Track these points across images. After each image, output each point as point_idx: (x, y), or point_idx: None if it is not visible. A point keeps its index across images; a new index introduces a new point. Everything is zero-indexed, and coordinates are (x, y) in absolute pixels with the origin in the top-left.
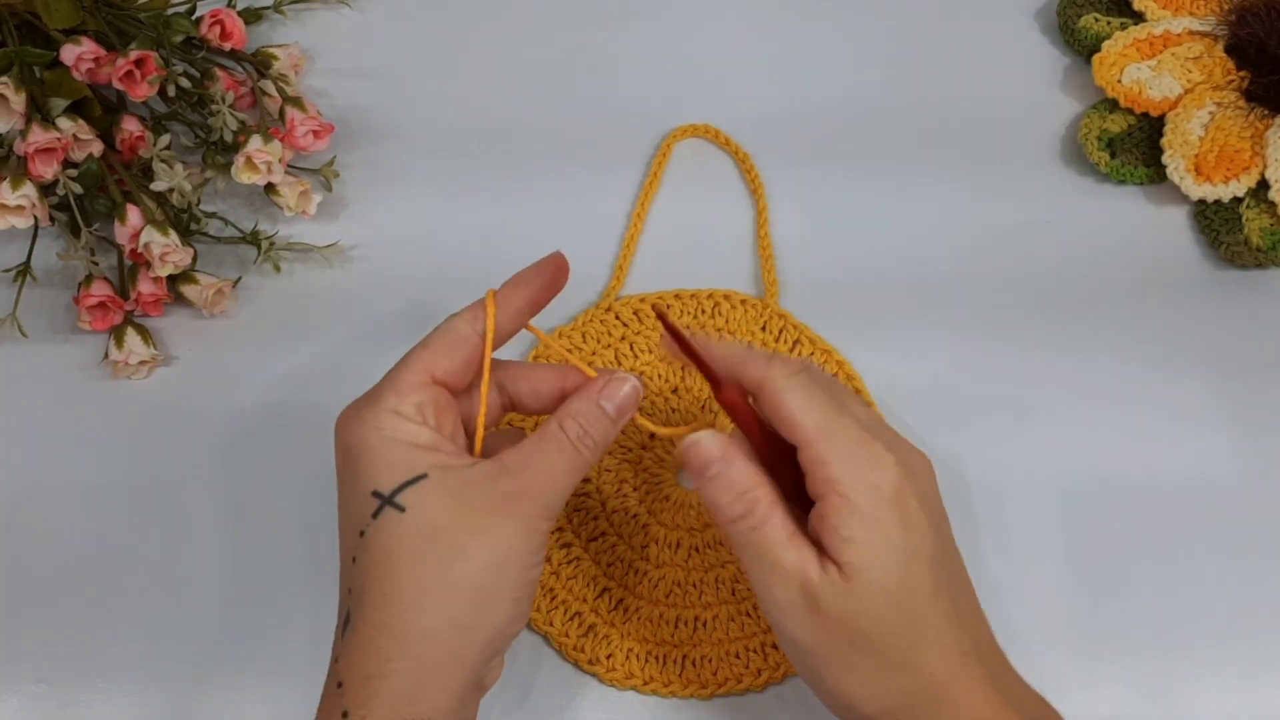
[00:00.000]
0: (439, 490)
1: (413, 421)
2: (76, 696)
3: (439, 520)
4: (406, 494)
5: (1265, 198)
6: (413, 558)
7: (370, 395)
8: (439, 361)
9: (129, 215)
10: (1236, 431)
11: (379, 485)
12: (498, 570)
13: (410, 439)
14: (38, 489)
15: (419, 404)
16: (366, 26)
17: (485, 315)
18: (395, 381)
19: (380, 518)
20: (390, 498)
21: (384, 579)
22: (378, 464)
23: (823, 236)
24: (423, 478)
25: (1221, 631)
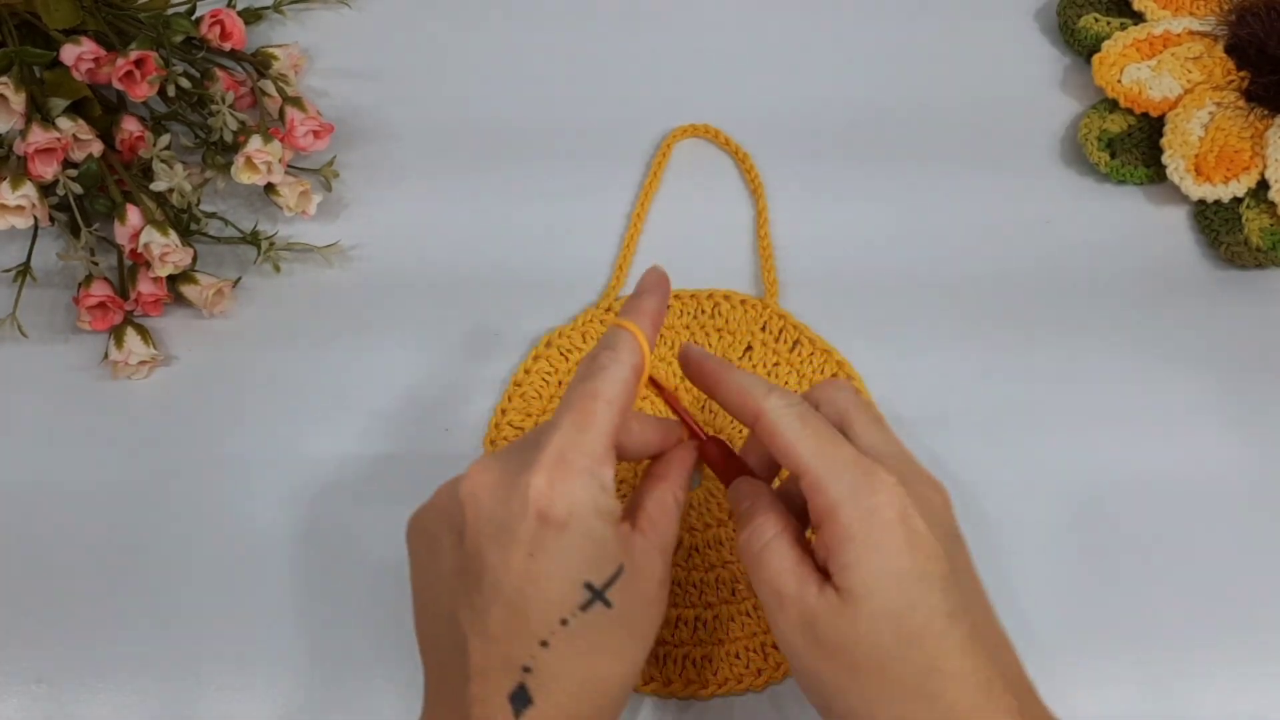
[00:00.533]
0: (632, 585)
1: (609, 491)
2: (76, 696)
3: (633, 616)
4: (612, 590)
5: (1265, 198)
6: (611, 653)
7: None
8: (621, 420)
9: (129, 215)
10: (1237, 431)
11: (591, 577)
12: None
13: (613, 517)
14: (38, 489)
15: (614, 470)
16: (366, 26)
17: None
18: (594, 444)
19: (589, 610)
20: (602, 594)
21: (585, 671)
22: (586, 550)
23: (823, 236)
24: (622, 571)
25: (1223, 631)
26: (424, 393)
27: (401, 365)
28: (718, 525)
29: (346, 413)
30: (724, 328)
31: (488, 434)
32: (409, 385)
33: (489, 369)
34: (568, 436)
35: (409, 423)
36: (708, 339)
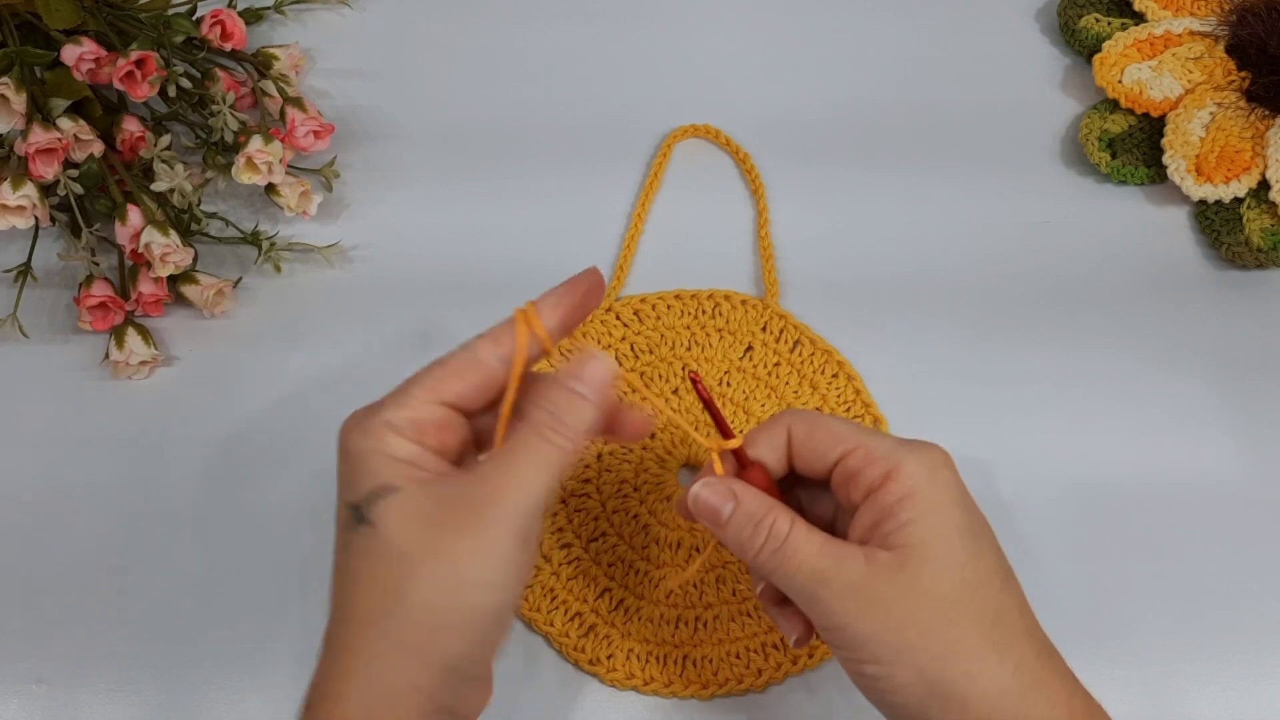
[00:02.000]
0: (408, 507)
1: (403, 435)
2: (76, 696)
3: (402, 538)
4: (377, 508)
5: (1266, 198)
6: (370, 576)
7: (373, 404)
8: (450, 384)
9: (129, 215)
10: (1237, 431)
11: (354, 497)
12: (453, 593)
13: (391, 451)
14: (38, 489)
15: (416, 419)
16: (366, 26)
17: (511, 338)
18: (399, 394)
19: (355, 531)
20: (360, 509)
21: (348, 596)
22: (358, 473)
23: (823, 236)
24: (393, 491)
25: (1223, 630)
26: None
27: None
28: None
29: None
30: (724, 328)
31: None
32: None
33: None
34: (392, 392)
35: None
36: (708, 339)
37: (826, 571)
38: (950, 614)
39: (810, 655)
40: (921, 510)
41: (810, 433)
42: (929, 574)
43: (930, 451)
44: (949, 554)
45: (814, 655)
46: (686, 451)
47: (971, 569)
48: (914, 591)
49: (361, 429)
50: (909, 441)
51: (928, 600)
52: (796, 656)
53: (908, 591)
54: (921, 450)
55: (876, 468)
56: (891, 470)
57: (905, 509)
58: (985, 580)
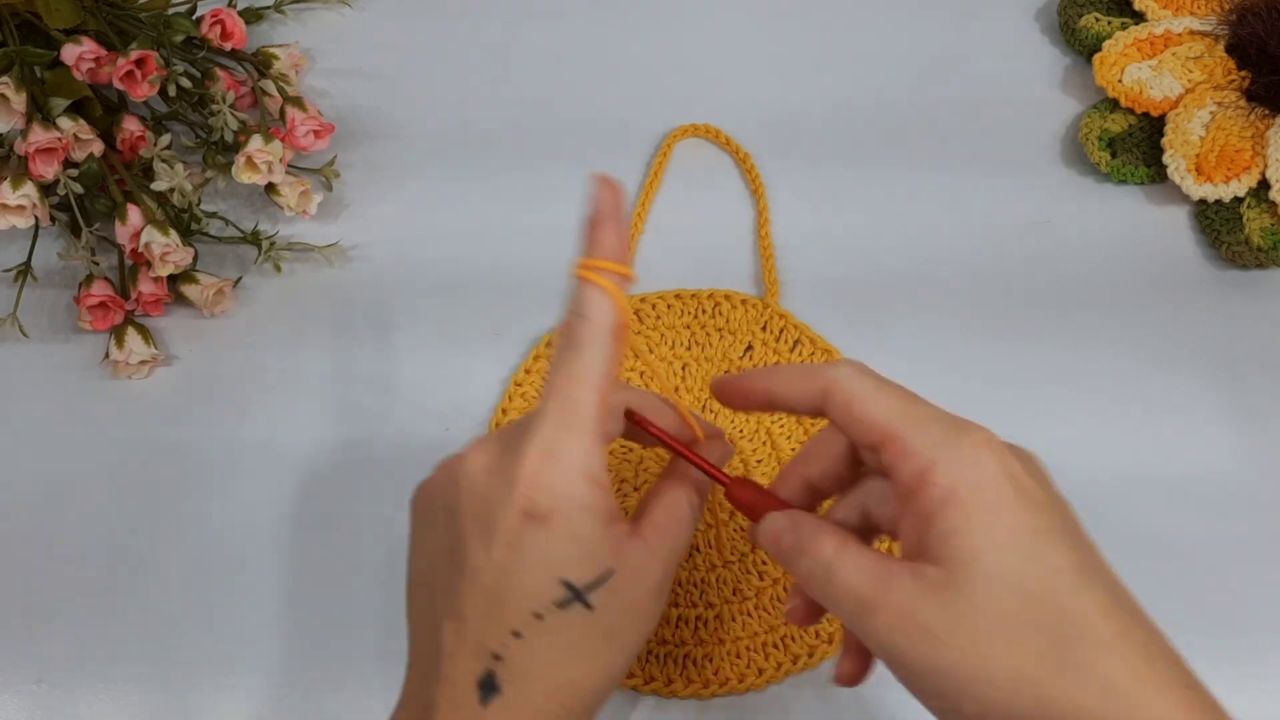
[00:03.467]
0: (620, 590)
1: (602, 488)
2: (76, 696)
3: (618, 623)
4: (598, 594)
5: (1266, 197)
6: (588, 656)
7: (558, 448)
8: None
9: (129, 215)
10: (1237, 431)
11: (571, 576)
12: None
13: (603, 517)
14: (38, 489)
15: (604, 461)
16: (366, 26)
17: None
18: (580, 435)
19: (567, 609)
20: (583, 594)
21: (557, 668)
22: (570, 547)
23: (823, 236)
24: (611, 574)
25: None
26: (424, 392)
27: (401, 365)
28: (718, 525)
29: (347, 412)
30: (724, 328)
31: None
32: (409, 385)
33: (489, 369)
34: (554, 426)
35: (409, 423)
36: (708, 339)
37: (870, 595)
38: (1010, 634)
39: (810, 655)
40: (964, 516)
41: (845, 413)
42: (981, 591)
43: (974, 439)
44: (1002, 564)
45: (814, 655)
46: None
47: (1034, 576)
48: (967, 614)
49: (561, 494)
50: (952, 426)
51: (983, 622)
52: (796, 656)
53: (960, 615)
54: (963, 440)
55: (910, 465)
56: (925, 470)
57: (945, 517)
58: (1052, 586)
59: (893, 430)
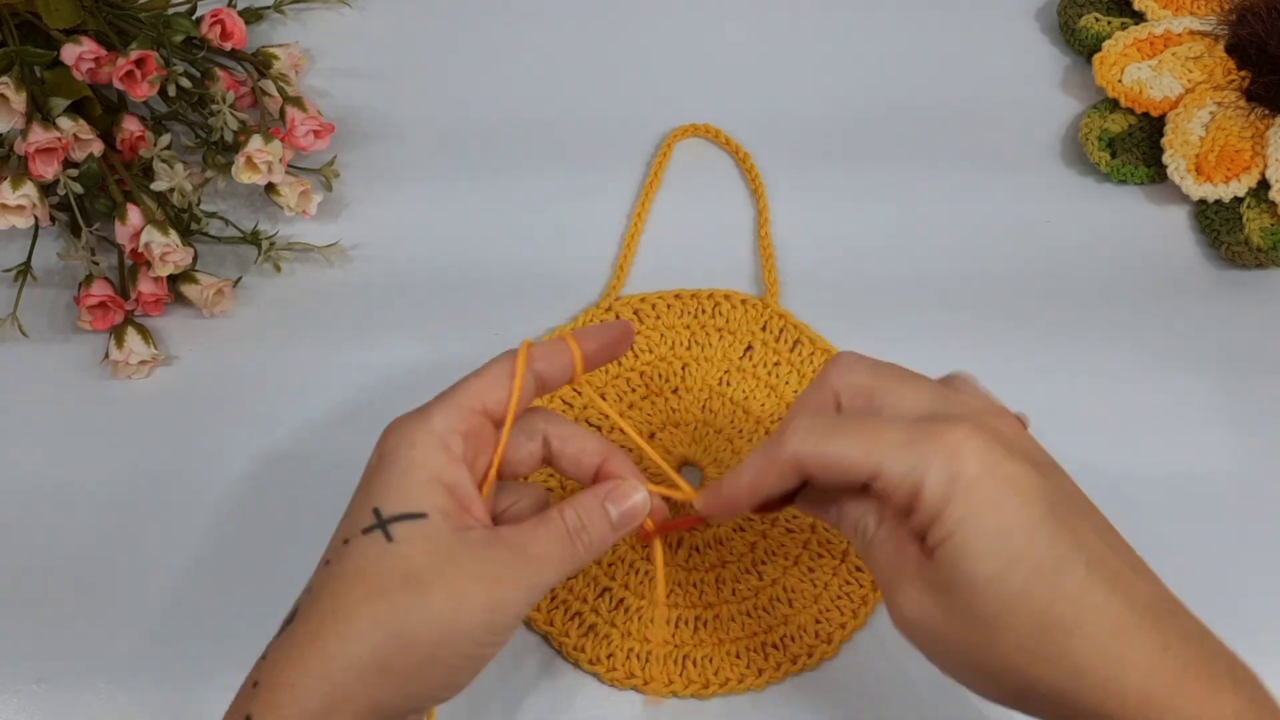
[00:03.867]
0: (430, 537)
1: (449, 451)
2: (76, 696)
3: (417, 564)
4: (401, 526)
5: (1266, 198)
6: (377, 588)
7: (421, 410)
8: (493, 391)
9: (129, 215)
10: (1236, 431)
11: (383, 505)
12: (449, 633)
13: (436, 470)
14: (38, 489)
15: (463, 431)
16: (366, 26)
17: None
18: (446, 402)
19: (368, 535)
20: (385, 522)
21: (345, 595)
22: (393, 482)
23: (823, 236)
24: (422, 517)
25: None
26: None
27: (402, 365)
28: (717, 525)
29: (347, 412)
30: (724, 328)
31: None
32: (409, 385)
33: None
34: (435, 400)
35: None
36: (708, 339)
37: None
38: (994, 631)
39: (810, 655)
40: (947, 529)
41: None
42: (967, 594)
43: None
44: (985, 569)
45: (814, 655)
46: (685, 451)
47: (1012, 578)
48: (958, 613)
49: (408, 438)
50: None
51: (973, 620)
52: (796, 656)
53: (953, 613)
54: (939, 451)
55: (900, 493)
56: (913, 494)
57: (933, 532)
58: (1027, 586)
59: (868, 469)
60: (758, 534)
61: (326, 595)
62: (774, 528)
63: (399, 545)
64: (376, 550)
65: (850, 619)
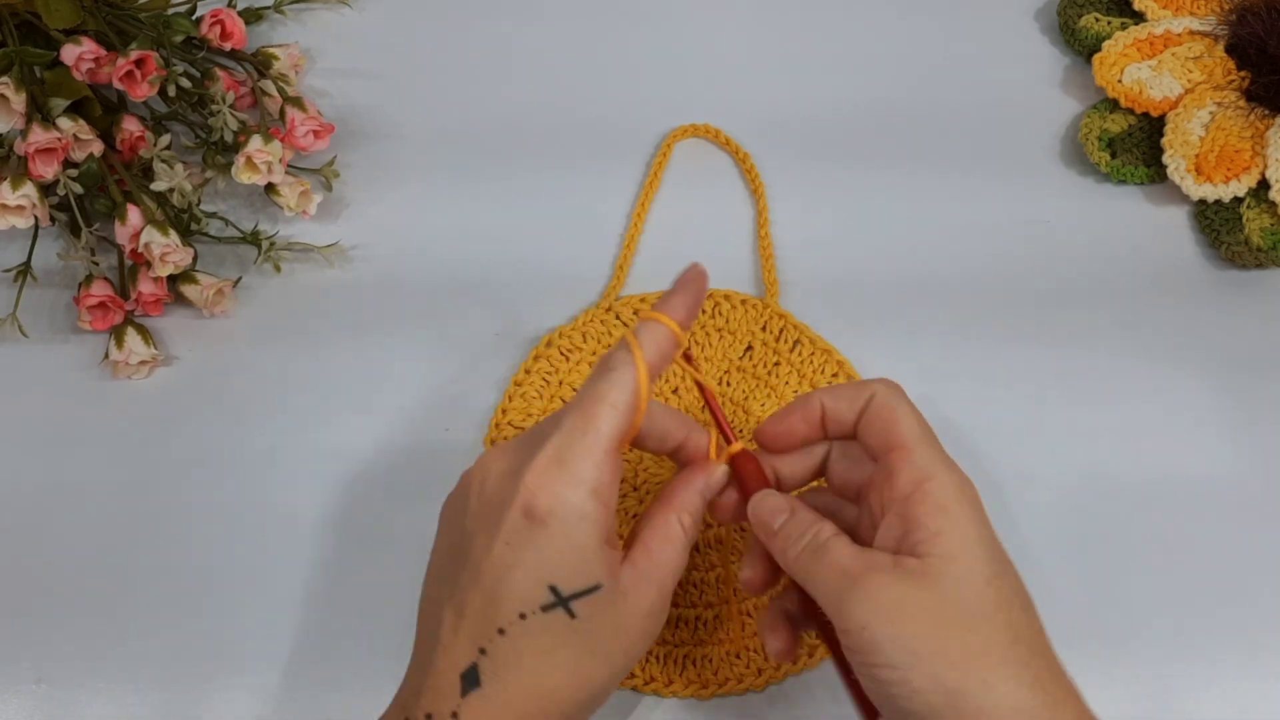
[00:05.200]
0: (606, 606)
1: (605, 507)
2: (76, 696)
3: (600, 637)
4: (583, 604)
5: (1266, 198)
6: (566, 665)
7: (565, 461)
8: (628, 420)
9: (129, 215)
10: (1237, 431)
11: (559, 582)
12: (616, 683)
13: (600, 531)
14: (38, 489)
15: (609, 479)
16: (366, 26)
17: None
18: (587, 446)
19: (550, 613)
20: (567, 601)
21: (533, 670)
22: (569, 557)
23: (823, 236)
24: (597, 589)
25: (1222, 630)
26: (424, 392)
27: (401, 365)
28: (718, 525)
29: (347, 413)
30: (724, 328)
31: (488, 434)
32: (409, 385)
33: (489, 369)
34: (567, 437)
35: (409, 423)
36: (708, 339)
37: (854, 570)
38: (971, 623)
39: (810, 655)
40: (951, 524)
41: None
42: (953, 584)
43: (961, 473)
44: (974, 569)
45: (814, 655)
46: None
47: (995, 587)
48: (937, 599)
49: (571, 503)
50: (946, 457)
51: (950, 608)
52: (796, 656)
53: (931, 598)
54: (954, 469)
55: (911, 474)
56: (924, 481)
57: (935, 521)
58: (1008, 600)
59: (908, 442)
60: None
61: (514, 667)
62: None
63: (581, 622)
64: (560, 626)
65: None
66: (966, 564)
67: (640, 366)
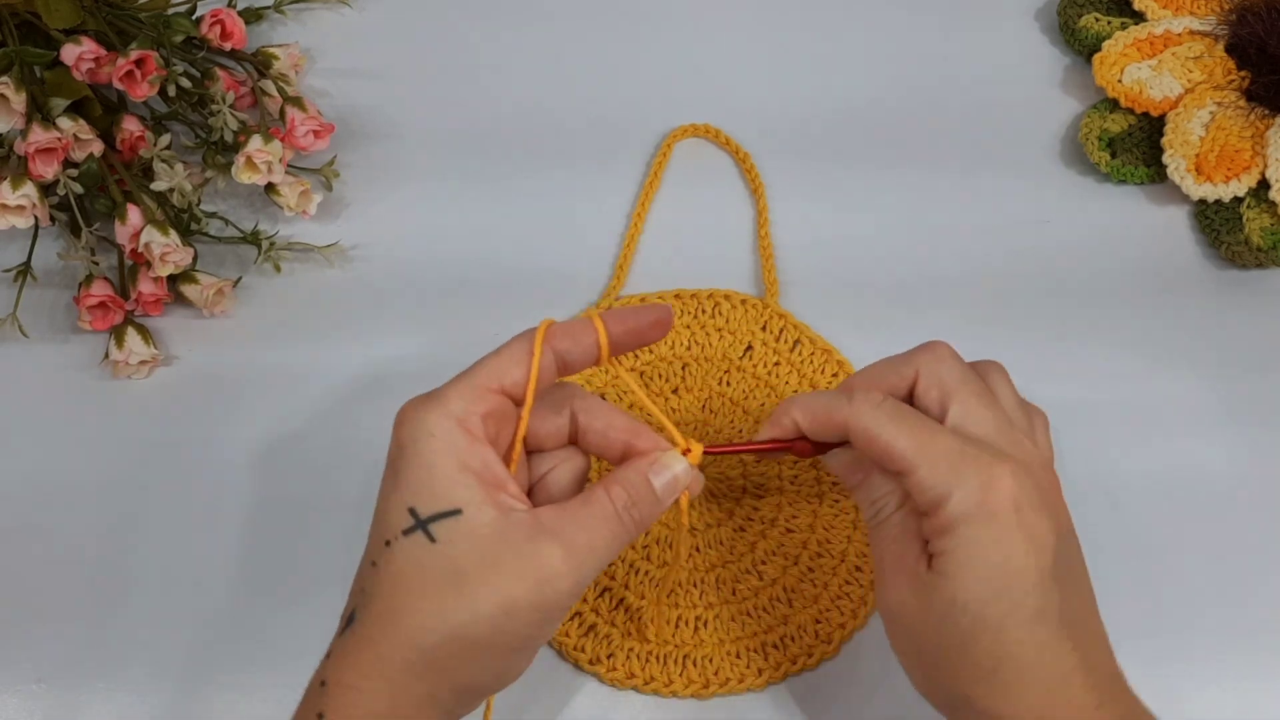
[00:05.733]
0: (471, 533)
1: (470, 433)
2: (76, 696)
3: (463, 563)
4: (441, 525)
5: (1266, 197)
6: (427, 589)
7: (436, 393)
8: (510, 370)
9: (129, 215)
10: (1236, 431)
11: (418, 504)
12: (499, 630)
13: (462, 457)
14: (38, 489)
15: (483, 413)
16: (366, 26)
17: (586, 335)
18: (463, 384)
19: (409, 537)
20: (425, 523)
21: (394, 597)
22: (423, 476)
23: (823, 236)
24: (458, 513)
25: (1222, 630)
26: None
27: (401, 365)
28: (718, 525)
29: (346, 413)
30: (724, 328)
31: None
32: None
33: None
34: (448, 384)
35: None
36: (708, 339)
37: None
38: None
39: (810, 655)
40: (956, 543)
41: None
42: (946, 605)
43: (984, 483)
44: (968, 592)
45: (814, 655)
46: None
47: (988, 610)
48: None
49: (426, 426)
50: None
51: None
52: (796, 656)
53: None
54: (972, 481)
55: (926, 497)
56: (938, 502)
57: (944, 539)
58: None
59: (909, 466)
60: (757, 534)
61: (377, 599)
62: (773, 528)
63: (441, 546)
64: (420, 552)
65: (850, 619)
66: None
67: (540, 329)
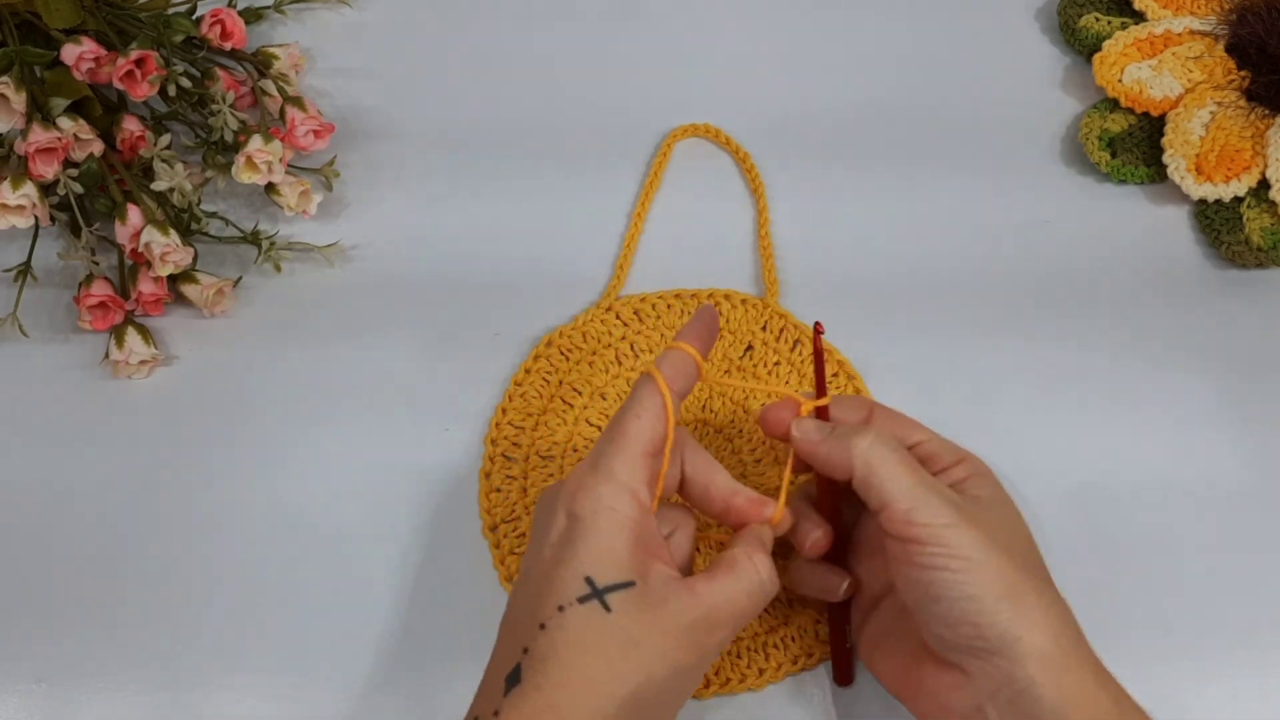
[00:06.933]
0: (642, 605)
1: (641, 505)
2: (76, 696)
3: (636, 634)
4: (614, 595)
5: (1266, 197)
6: (604, 659)
7: (602, 465)
8: (653, 429)
9: (129, 215)
10: (1237, 431)
11: (595, 574)
12: (668, 694)
13: (635, 530)
14: (38, 489)
15: (646, 480)
16: (366, 26)
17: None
18: (623, 453)
19: (586, 605)
20: (601, 593)
21: (571, 664)
22: (601, 548)
23: (823, 236)
24: (632, 585)
25: (1222, 630)
26: (424, 392)
27: (401, 365)
28: (718, 525)
29: (347, 412)
30: (724, 327)
31: (488, 433)
32: (409, 385)
33: (489, 369)
34: (601, 448)
35: (409, 422)
36: None
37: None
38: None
39: (810, 655)
40: (989, 488)
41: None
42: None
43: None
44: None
45: (814, 655)
46: None
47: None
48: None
49: (605, 501)
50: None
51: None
52: (796, 656)
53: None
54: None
55: (947, 456)
56: (961, 460)
57: (976, 485)
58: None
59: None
60: None
61: (553, 662)
62: None
63: (616, 616)
64: (597, 619)
65: None
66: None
67: (660, 380)
